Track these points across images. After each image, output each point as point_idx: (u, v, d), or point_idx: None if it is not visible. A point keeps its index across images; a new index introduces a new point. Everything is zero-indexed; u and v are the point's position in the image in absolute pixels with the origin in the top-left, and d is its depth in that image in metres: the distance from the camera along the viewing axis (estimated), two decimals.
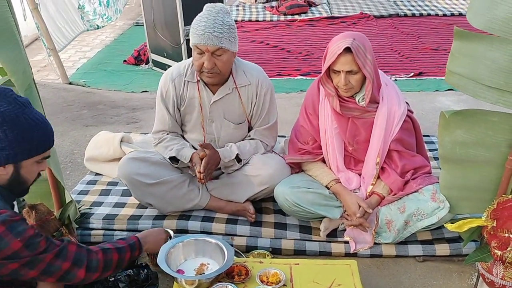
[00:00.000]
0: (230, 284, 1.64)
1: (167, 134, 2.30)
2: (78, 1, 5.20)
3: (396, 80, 4.56)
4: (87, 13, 5.35)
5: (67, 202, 2.03)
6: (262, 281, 1.67)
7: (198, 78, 2.18)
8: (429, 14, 6.87)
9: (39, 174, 1.61)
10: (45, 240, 1.48)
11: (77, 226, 2.19)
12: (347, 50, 1.87)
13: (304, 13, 7.36)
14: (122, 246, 1.67)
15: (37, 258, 1.45)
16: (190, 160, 2.17)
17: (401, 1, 7.66)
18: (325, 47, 2.01)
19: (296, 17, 7.18)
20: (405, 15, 6.90)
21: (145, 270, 1.88)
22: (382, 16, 6.96)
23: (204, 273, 1.72)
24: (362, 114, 2.07)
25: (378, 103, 2.05)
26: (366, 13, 7.11)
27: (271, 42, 5.98)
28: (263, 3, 8.02)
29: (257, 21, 7.11)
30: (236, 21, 7.04)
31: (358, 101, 2.03)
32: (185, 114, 2.27)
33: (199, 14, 2.07)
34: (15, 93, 1.49)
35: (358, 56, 1.87)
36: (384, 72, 2.12)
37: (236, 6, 7.92)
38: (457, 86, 1.76)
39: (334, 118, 2.11)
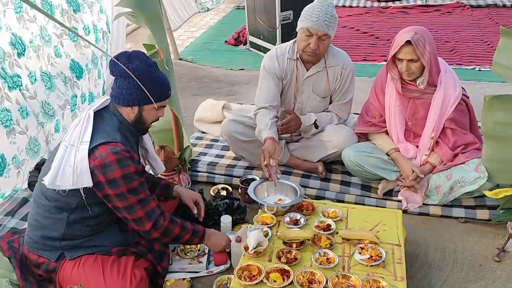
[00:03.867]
0: (299, 213, 2.20)
1: (265, 107, 2.72)
2: None
3: (480, 70, 4.72)
4: None
5: (184, 147, 2.72)
6: (324, 216, 2.20)
7: (297, 56, 2.72)
8: None
9: (157, 119, 2.03)
10: (140, 182, 1.87)
11: (189, 167, 2.88)
12: (409, 42, 2.29)
13: (399, 0, 7.49)
14: (187, 226, 2.01)
15: (125, 195, 1.83)
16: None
17: None
18: None
19: (390, 4, 7.31)
20: (504, 6, 6.76)
21: (238, 202, 2.51)
22: (479, 6, 6.87)
23: None
24: (421, 95, 2.48)
25: (436, 86, 2.44)
26: (462, 2, 7.06)
27: (361, 28, 6.24)
28: None
29: (350, 7, 7.36)
30: None
31: (419, 84, 2.45)
32: (284, 86, 2.81)
33: (311, 4, 2.61)
34: (146, 56, 1.89)
35: (418, 47, 2.29)
36: (470, 62, 2.36)
37: None
38: (501, 75, 2.11)
39: (397, 98, 2.54)
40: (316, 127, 2.77)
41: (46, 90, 2.74)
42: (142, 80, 1.79)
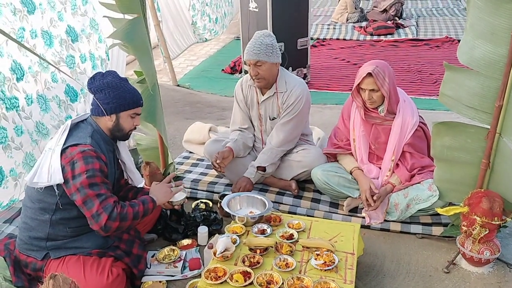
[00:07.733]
0: (266, 224, 2.43)
1: (236, 129, 3.12)
2: (192, 18, 6.33)
3: None
4: (198, 28, 6.45)
5: (169, 163, 2.98)
6: (289, 227, 2.44)
7: None
8: None
9: (135, 128, 2.27)
10: (102, 180, 2.04)
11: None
12: (370, 74, 2.57)
13: (391, 34, 7.81)
14: (135, 203, 2.17)
15: (85, 189, 1.98)
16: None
17: None
18: (402, 67, 2.66)
19: (382, 37, 7.66)
20: None
21: (215, 214, 2.76)
22: None
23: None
24: (382, 121, 2.75)
25: (396, 114, 2.71)
26: (451, 37, 7.40)
27: (352, 60, 6.57)
28: (353, 22, 8.59)
29: (344, 39, 7.71)
30: (324, 39, 7.75)
31: (380, 111, 2.71)
32: (249, 108, 3.12)
33: None
34: (117, 73, 2.20)
35: (378, 79, 2.57)
36: None
37: (328, 25, 8.56)
38: (447, 104, 2.37)
39: (361, 123, 2.81)
40: (264, 170, 3.01)
41: (41, 111, 3.01)
42: (115, 90, 2.13)
